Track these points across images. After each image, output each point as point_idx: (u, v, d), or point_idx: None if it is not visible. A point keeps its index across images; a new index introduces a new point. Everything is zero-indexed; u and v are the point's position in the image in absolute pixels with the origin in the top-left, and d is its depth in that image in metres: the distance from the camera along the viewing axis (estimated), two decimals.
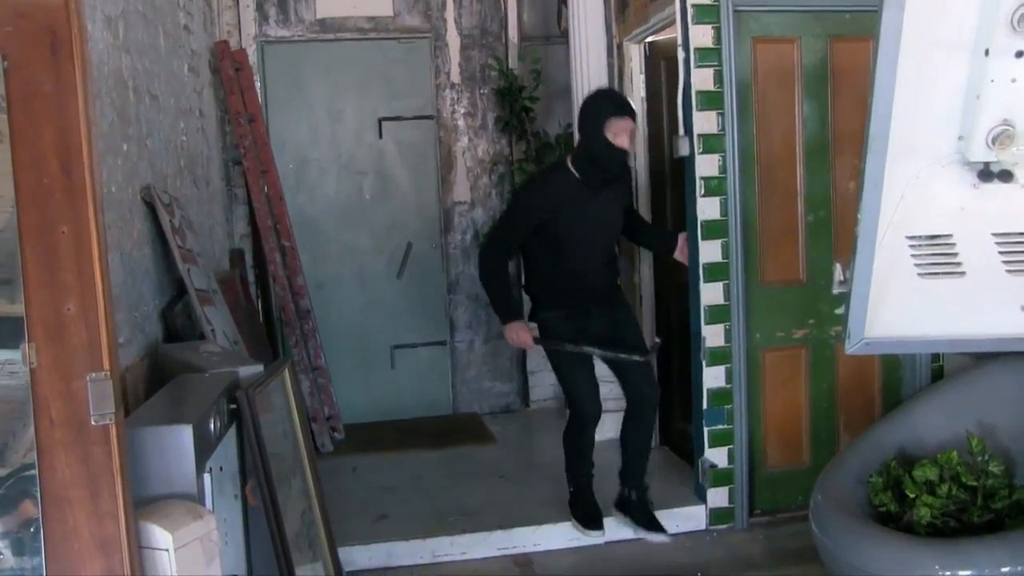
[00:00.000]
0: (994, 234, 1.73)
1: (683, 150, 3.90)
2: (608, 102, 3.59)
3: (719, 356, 3.99)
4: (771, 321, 4.02)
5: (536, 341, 3.74)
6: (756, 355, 4.05)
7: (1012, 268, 1.70)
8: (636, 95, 4.73)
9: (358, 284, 5.57)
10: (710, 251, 3.88)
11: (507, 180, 5.54)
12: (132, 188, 3.12)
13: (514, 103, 5.36)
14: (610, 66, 4.76)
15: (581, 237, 3.65)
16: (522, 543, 3.96)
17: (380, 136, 5.47)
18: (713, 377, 4.02)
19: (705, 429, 4.06)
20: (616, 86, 4.76)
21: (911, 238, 1.76)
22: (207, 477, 2.12)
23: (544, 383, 5.65)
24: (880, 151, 1.63)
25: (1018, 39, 1.58)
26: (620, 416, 3.96)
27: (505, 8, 5.48)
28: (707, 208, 3.86)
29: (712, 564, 3.77)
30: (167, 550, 1.85)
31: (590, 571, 3.81)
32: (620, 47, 4.77)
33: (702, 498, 4.11)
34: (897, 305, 1.73)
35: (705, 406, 4.04)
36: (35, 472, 1.76)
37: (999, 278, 1.70)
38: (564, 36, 5.02)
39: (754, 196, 3.92)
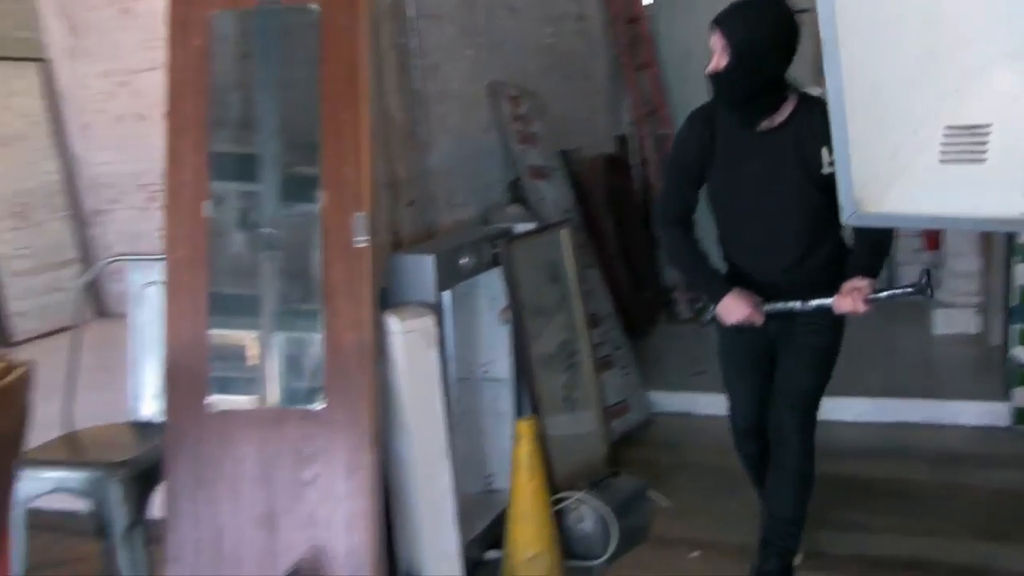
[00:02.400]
0: None
1: None
2: None
3: None
4: None
5: (766, 310, 2.69)
6: None
7: None
8: None
9: None
10: None
11: None
12: (476, 85, 4.02)
13: None
14: None
15: (736, 196, 2.72)
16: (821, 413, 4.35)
17: None
18: None
19: (1015, 326, 4.04)
20: None
21: (950, 128, 1.94)
22: (447, 294, 2.99)
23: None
24: (833, 55, 1.89)
25: None
26: None
27: None
28: None
29: (1000, 457, 3.85)
30: (397, 333, 2.77)
31: (871, 443, 4.11)
32: None
33: (1008, 396, 4.11)
34: (909, 186, 1.94)
35: (1016, 303, 4.02)
36: None
37: (1019, 166, 1.88)
38: None
39: None
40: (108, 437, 3.08)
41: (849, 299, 2.55)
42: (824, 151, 2.41)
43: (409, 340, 2.77)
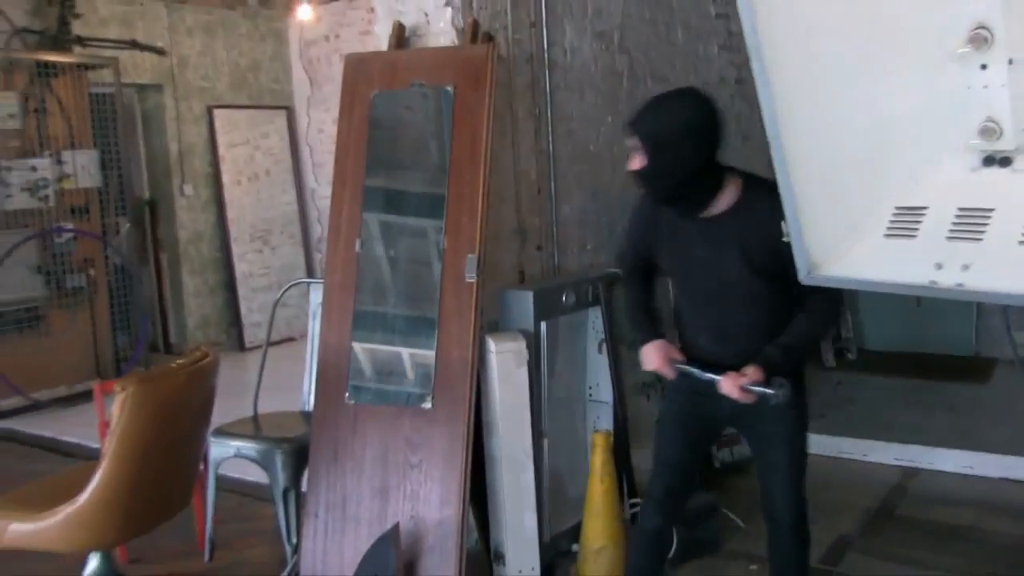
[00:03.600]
0: (959, 208, 2.31)
1: None
2: None
3: None
4: None
5: (679, 368, 2.72)
6: None
7: (951, 236, 2.31)
8: None
9: None
10: None
11: None
12: (615, 148, 4.61)
13: None
14: None
15: (685, 280, 2.79)
16: (917, 459, 4.58)
17: None
18: None
19: None
20: None
21: (899, 208, 2.40)
22: (544, 324, 3.60)
23: None
24: (779, 150, 2.31)
25: None
26: None
27: None
28: None
29: None
30: (492, 352, 3.40)
31: (964, 494, 4.30)
32: None
33: None
34: (859, 255, 2.31)
35: None
36: None
37: (939, 242, 2.28)
38: None
39: None
40: (281, 420, 3.92)
41: (731, 382, 2.52)
42: (783, 224, 2.59)
43: (502, 359, 3.41)
